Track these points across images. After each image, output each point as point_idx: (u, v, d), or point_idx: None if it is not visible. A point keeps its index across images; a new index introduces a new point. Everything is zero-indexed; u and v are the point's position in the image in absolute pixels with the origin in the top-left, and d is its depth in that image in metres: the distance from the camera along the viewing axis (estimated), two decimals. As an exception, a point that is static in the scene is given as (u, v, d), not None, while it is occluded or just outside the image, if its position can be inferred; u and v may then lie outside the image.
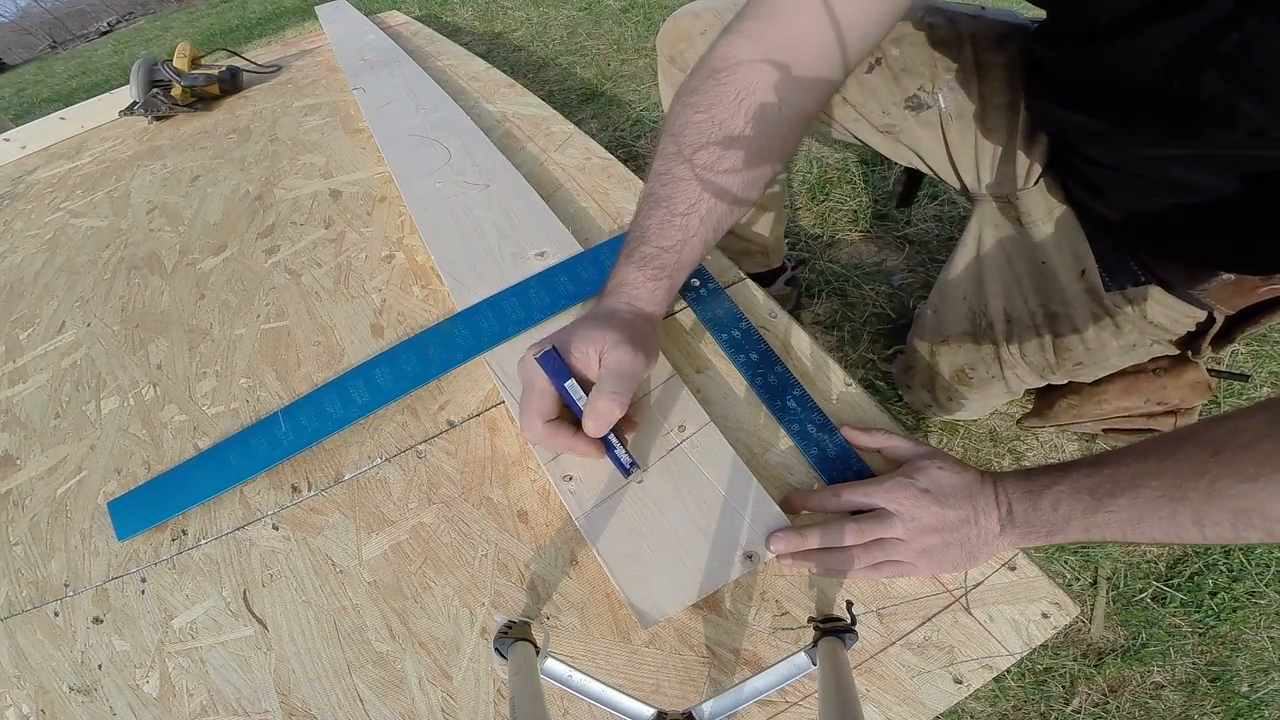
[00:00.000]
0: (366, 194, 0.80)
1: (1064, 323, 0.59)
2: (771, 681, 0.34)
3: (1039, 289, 0.59)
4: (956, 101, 0.58)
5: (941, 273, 0.70)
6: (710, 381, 0.51)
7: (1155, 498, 0.33)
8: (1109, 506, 0.35)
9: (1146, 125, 0.42)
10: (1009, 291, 0.61)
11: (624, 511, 0.43)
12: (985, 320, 0.64)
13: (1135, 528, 0.34)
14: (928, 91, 0.58)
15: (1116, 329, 0.56)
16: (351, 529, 0.48)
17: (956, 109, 0.58)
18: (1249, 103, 0.34)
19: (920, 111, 0.59)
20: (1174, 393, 0.62)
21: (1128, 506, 0.34)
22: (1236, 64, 0.34)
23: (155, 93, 1.12)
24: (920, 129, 0.60)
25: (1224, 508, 0.31)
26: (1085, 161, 0.51)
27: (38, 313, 0.77)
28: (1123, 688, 0.73)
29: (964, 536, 0.38)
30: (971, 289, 0.64)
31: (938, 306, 0.70)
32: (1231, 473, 0.31)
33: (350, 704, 0.41)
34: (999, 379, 0.67)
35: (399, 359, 0.56)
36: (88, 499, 0.55)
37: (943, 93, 0.58)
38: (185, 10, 5.46)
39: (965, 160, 0.60)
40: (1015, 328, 0.62)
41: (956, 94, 0.58)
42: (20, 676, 0.46)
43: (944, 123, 0.59)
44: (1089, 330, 0.57)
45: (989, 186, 0.59)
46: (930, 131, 0.60)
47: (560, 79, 1.95)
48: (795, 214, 1.28)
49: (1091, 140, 0.49)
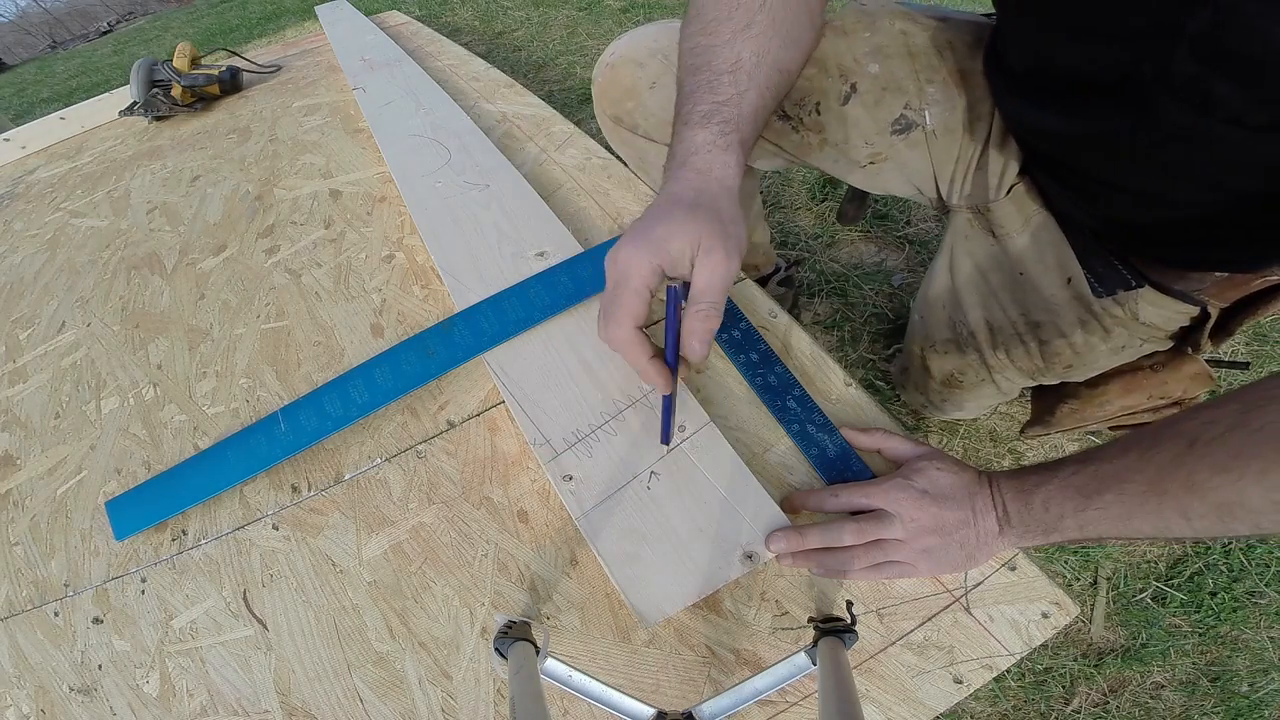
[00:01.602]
0: (366, 194, 0.80)
1: (1049, 329, 0.57)
2: (771, 681, 0.34)
3: (1018, 300, 0.58)
4: (942, 117, 0.55)
5: (922, 283, 0.69)
6: (710, 381, 0.51)
7: (1140, 493, 0.33)
8: (1097, 503, 0.35)
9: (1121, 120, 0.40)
10: (986, 303, 0.60)
11: (624, 511, 0.43)
12: (967, 330, 0.63)
13: (1126, 523, 0.34)
14: (915, 109, 0.54)
15: (1105, 333, 0.55)
16: (351, 529, 0.48)
17: (943, 125, 0.55)
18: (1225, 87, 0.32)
19: (909, 133, 0.55)
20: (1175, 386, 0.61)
21: (1115, 503, 0.34)
22: (1209, 44, 0.32)
23: (155, 93, 1.12)
24: (908, 151, 0.57)
25: (1206, 501, 0.31)
26: (1062, 167, 0.49)
27: (38, 313, 0.77)
28: (1123, 688, 0.73)
29: (963, 538, 0.38)
30: (950, 301, 0.63)
31: (922, 312, 0.69)
32: (1208, 466, 0.31)
33: (350, 704, 0.41)
34: (989, 382, 0.67)
35: (399, 359, 0.56)
36: (88, 499, 0.55)
37: (929, 109, 0.54)
38: (185, 10, 5.46)
39: (946, 173, 0.57)
40: (999, 336, 0.61)
41: (941, 108, 0.54)
42: (20, 676, 0.46)
43: (929, 140, 0.56)
44: (1076, 336, 0.56)
45: (966, 197, 0.57)
46: (918, 152, 0.56)
47: (560, 79, 1.95)
48: (795, 214, 1.28)
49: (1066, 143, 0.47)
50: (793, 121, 0.58)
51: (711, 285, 0.39)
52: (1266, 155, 0.34)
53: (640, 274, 0.39)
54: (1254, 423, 0.30)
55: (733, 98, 0.44)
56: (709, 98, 0.44)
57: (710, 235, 0.39)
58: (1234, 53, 0.31)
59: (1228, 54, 0.31)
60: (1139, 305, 0.52)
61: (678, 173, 0.43)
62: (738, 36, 0.45)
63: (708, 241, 0.39)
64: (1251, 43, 0.30)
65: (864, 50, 0.54)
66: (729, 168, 0.43)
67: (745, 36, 0.45)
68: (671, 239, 0.39)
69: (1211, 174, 0.39)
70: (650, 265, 0.39)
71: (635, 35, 0.63)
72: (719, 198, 0.42)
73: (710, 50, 0.45)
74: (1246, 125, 0.33)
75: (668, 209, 0.41)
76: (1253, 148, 0.34)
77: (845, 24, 0.56)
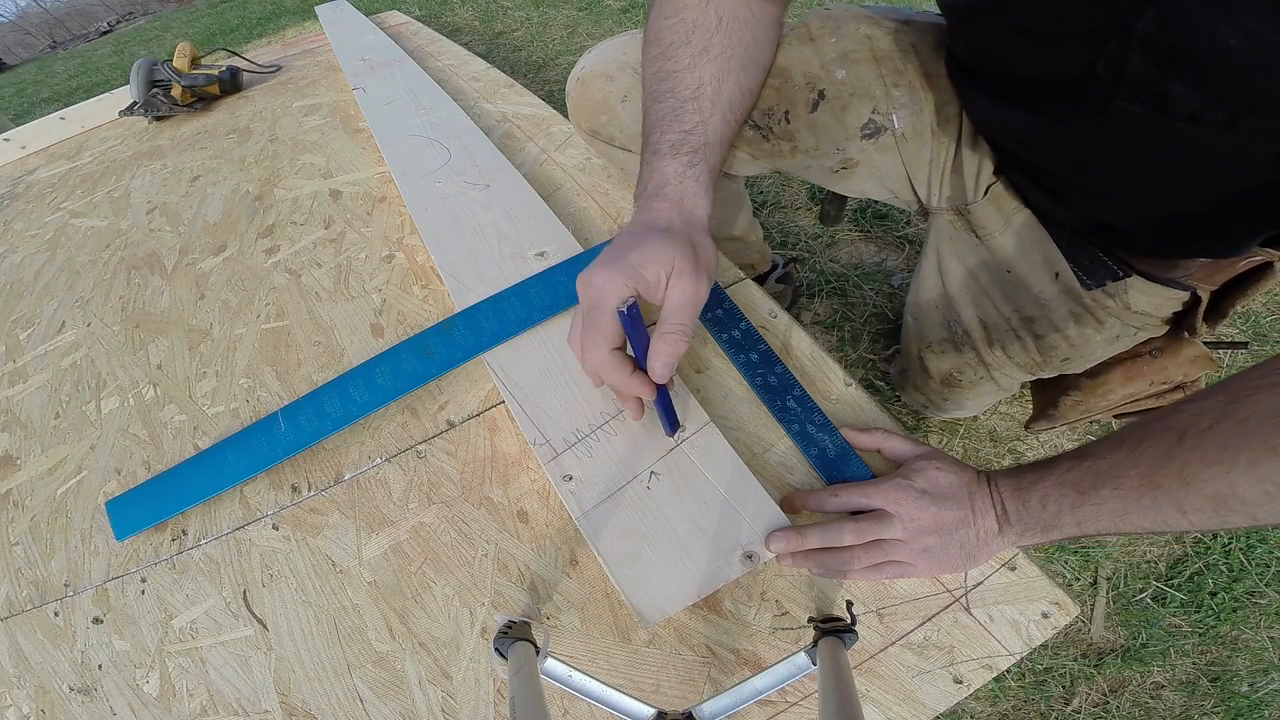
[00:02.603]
0: (366, 194, 0.80)
1: (1043, 324, 0.58)
2: (771, 681, 0.34)
3: (1009, 296, 0.58)
4: (910, 120, 0.55)
5: (910, 287, 0.68)
6: (710, 381, 0.51)
7: (1135, 488, 0.33)
8: (1093, 499, 0.35)
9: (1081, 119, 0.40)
10: (979, 301, 0.60)
11: (624, 511, 0.43)
12: (961, 329, 0.63)
13: (1124, 518, 0.34)
14: (882, 113, 0.55)
15: (1099, 324, 0.55)
16: (351, 529, 0.48)
17: (911, 127, 0.55)
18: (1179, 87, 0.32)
19: (878, 137, 0.56)
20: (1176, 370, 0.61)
21: (1111, 498, 0.34)
22: (1158, 45, 0.32)
23: (155, 93, 1.12)
24: (879, 155, 0.57)
25: (1200, 494, 0.31)
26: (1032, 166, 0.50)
27: (38, 313, 0.77)
28: (1123, 688, 0.73)
29: (963, 537, 0.38)
30: (942, 302, 0.64)
31: (915, 314, 0.69)
32: (1199, 458, 0.31)
33: (350, 704, 0.41)
34: (987, 379, 0.67)
35: (399, 358, 0.56)
36: (88, 499, 0.55)
37: (896, 113, 0.54)
38: (185, 10, 5.46)
39: (921, 175, 0.58)
40: (993, 333, 0.61)
41: (908, 111, 0.54)
42: (20, 676, 0.46)
43: (899, 143, 0.56)
44: (1070, 329, 0.57)
45: (945, 199, 0.57)
46: (889, 156, 0.57)
47: (560, 79, 1.95)
48: (795, 214, 1.28)
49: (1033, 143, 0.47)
50: (763, 130, 0.58)
51: (680, 307, 0.40)
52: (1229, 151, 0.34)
53: (616, 297, 0.40)
54: (1240, 413, 0.30)
55: (698, 125, 0.46)
56: (675, 126, 0.46)
57: (683, 259, 0.40)
58: (1182, 52, 0.31)
59: (1177, 54, 0.31)
60: (1129, 295, 0.52)
61: (650, 203, 0.45)
62: (697, 61, 0.47)
63: (680, 265, 0.40)
64: (1198, 41, 0.30)
65: (831, 56, 0.54)
66: (699, 198, 0.45)
67: (704, 60, 0.47)
68: (646, 264, 0.40)
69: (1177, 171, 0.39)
70: (626, 289, 0.40)
71: (603, 49, 0.64)
72: (691, 226, 0.44)
73: (672, 76, 0.47)
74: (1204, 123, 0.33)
75: (641, 235, 0.42)
76: (1212, 145, 0.34)
77: (811, 30, 0.56)
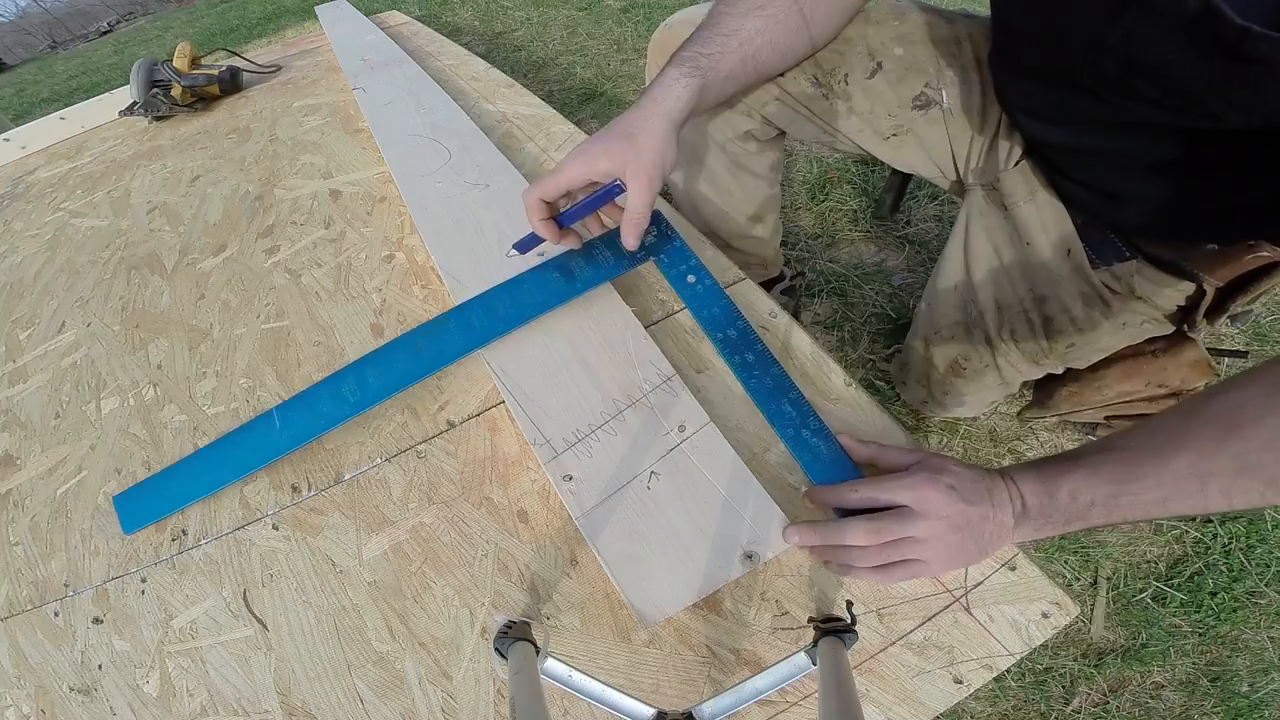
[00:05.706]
0: (366, 194, 0.80)
1: (1053, 304, 0.60)
2: (771, 681, 0.34)
3: (1026, 274, 0.60)
4: (958, 98, 0.60)
5: (933, 273, 0.71)
6: (710, 381, 0.51)
7: (1182, 476, 0.35)
8: (1132, 489, 0.35)
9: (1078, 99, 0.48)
10: (997, 279, 0.63)
11: (624, 511, 0.43)
12: (976, 309, 0.65)
13: (1161, 506, 0.35)
14: (933, 88, 0.61)
15: (1106, 307, 0.58)
16: (351, 529, 0.48)
17: (959, 104, 0.61)
18: (1140, 82, 0.41)
19: (928, 109, 0.61)
20: (1174, 374, 0.63)
21: (1154, 487, 0.35)
22: (1123, 55, 0.41)
23: (155, 93, 1.11)
24: (928, 127, 0.62)
25: (1257, 478, 0.33)
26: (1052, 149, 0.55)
27: (38, 313, 0.77)
28: (1123, 688, 0.73)
29: (980, 532, 0.38)
30: (962, 278, 0.66)
31: (931, 300, 0.72)
32: (1257, 446, 0.33)
33: (350, 704, 0.41)
34: (992, 368, 0.67)
35: (396, 356, 0.56)
36: (88, 499, 0.55)
37: (946, 89, 0.60)
38: (185, 10, 5.46)
39: (963, 151, 0.63)
40: (1005, 314, 0.63)
41: (958, 89, 0.60)
42: (20, 676, 0.46)
43: (946, 118, 0.61)
44: (1079, 310, 0.59)
45: (978, 174, 0.62)
46: (936, 129, 0.62)
47: (560, 79, 1.95)
48: (795, 214, 1.28)
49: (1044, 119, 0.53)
50: (824, 88, 0.64)
51: (638, 204, 0.50)
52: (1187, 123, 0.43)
53: (569, 174, 0.50)
54: None
55: (715, 54, 0.53)
56: (696, 48, 0.53)
57: (635, 163, 0.48)
58: (1138, 60, 0.40)
59: (1135, 62, 0.41)
60: (1135, 279, 0.55)
61: (637, 101, 0.52)
62: (750, 11, 0.54)
63: (633, 169, 0.48)
64: (1148, 53, 0.39)
65: (891, 36, 0.61)
66: (679, 100, 0.51)
67: (755, 13, 0.54)
68: (600, 159, 0.49)
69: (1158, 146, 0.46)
70: (579, 172, 0.50)
71: (691, 9, 0.71)
72: (655, 125, 0.50)
73: (722, 17, 0.54)
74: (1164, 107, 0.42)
75: (607, 135, 0.50)
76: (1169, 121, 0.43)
77: (877, 15, 0.63)
